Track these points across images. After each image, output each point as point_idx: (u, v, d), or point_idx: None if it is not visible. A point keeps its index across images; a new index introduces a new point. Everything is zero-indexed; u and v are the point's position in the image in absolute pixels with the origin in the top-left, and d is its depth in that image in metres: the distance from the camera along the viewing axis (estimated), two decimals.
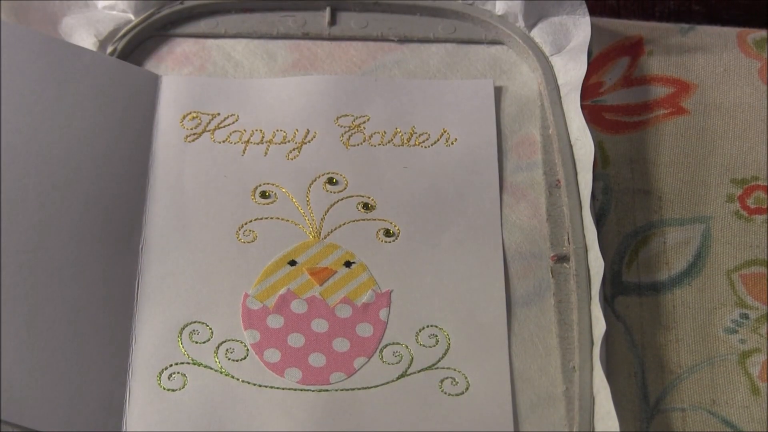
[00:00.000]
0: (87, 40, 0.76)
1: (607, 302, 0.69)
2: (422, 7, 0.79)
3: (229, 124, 0.75)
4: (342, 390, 0.65)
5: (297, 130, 0.75)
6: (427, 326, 0.68)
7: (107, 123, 0.73)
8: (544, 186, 0.73)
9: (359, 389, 0.65)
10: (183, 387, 0.65)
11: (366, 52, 0.79)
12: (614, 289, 0.69)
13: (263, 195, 0.72)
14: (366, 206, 0.72)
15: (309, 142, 0.74)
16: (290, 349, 0.67)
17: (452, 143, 0.74)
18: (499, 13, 0.79)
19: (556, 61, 0.77)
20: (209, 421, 0.64)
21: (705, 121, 0.75)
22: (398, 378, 0.66)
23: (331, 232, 0.71)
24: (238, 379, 0.66)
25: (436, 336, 0.67)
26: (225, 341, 0.67)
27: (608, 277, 0.70)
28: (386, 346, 0.67)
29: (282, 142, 0.74)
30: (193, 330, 0.67)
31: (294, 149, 0.74)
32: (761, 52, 0.77)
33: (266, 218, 0.71)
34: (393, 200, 0.72)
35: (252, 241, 0.70)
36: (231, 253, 0.70)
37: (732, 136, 0.74)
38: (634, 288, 0.69)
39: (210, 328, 0.67)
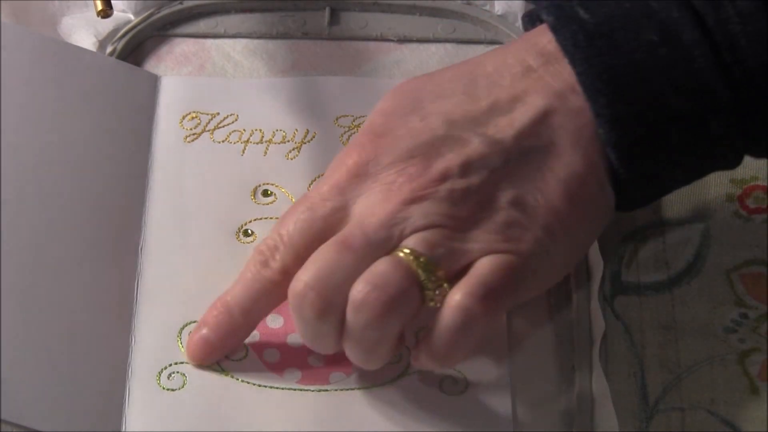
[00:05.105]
0: (86, 40, 0.77)
1: (607, 302, 0.69)
2: (421, 7, 0.79)
3: (228, 124, 0.75)
4: (341, 390, 0.65)
5: (296, 130, 0.75)
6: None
7: (106, 123, 0.73)
8: None
9: (359, 389, 0.65)
10: (182, 386, 0.65)
11: (365, 53, 0.79)
12: (613, 288, 0.69)
13: (263, 195, 0.72)
14: None
15: (308, 142, 0.74)
16: (290, 349, 0.67)
17: None
18: (499, 13, 0.79)
19: None
20: (209, 420, 0.64)
21: None
22: (398, 377, 0.66)
23: None
24: (237, 379, 0.65)
25: None
26: None
27: (607, 277, 0.69)
28: None
29: (281, 142, 0.74)
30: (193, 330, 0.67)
31: (293, 149, 0.74)
32: None
33: (266, 218, 0.71)
34: None
35: (252, 241, 0.70)
36: (231, 253, 0.70)
37: None
38: (633, 288, 0.69)
39: None
